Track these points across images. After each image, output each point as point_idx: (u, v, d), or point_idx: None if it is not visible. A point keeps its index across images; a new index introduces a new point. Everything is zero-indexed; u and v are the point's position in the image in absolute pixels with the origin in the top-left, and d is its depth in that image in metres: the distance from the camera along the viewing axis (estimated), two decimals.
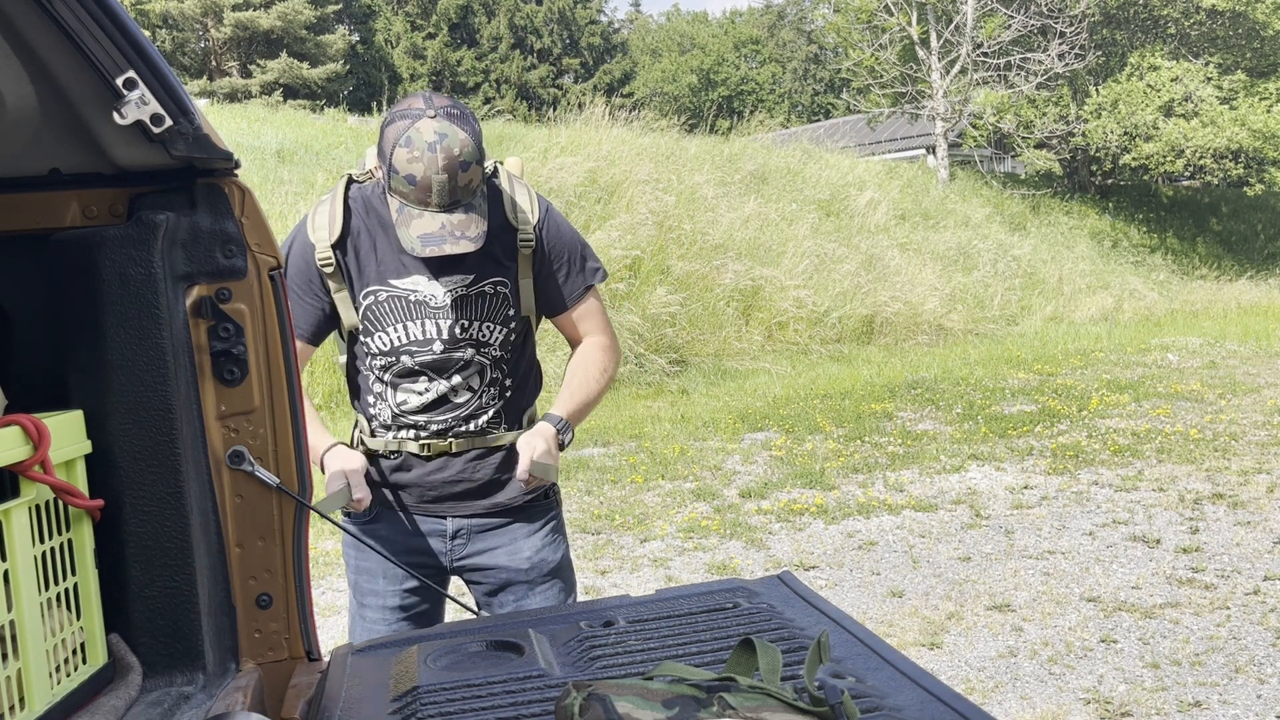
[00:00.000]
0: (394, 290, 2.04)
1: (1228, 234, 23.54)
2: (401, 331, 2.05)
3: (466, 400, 2.09)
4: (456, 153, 1.87)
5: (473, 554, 2.18)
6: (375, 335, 2.05)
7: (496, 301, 2.07)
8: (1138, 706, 3.47)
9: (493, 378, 2.10)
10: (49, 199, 1.45)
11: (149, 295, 1.40)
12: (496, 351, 2.09)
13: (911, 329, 12.97)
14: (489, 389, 2.11)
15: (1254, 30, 20.44)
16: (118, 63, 1.24)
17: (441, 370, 2.07)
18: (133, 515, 1.40)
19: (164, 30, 28.65)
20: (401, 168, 1.89)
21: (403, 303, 2.04)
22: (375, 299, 2.04)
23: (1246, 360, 10.80)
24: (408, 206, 1.91)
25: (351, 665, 1.43)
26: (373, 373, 2.10)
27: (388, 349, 2.05)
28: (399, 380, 2.08)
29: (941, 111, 20.65)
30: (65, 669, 1.26)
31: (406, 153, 1.88)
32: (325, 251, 2.02)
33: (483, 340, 2.07)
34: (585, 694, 1.06)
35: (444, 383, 2.07)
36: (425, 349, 2.05)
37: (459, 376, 2.07)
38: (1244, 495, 5.82)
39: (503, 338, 2.09)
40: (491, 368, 2.10)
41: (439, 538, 2.17)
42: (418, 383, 2.07)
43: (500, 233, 2.06)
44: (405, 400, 2.08)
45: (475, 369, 2.08)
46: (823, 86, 47.34)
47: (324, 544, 5.53)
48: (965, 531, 5.47)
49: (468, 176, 1.90)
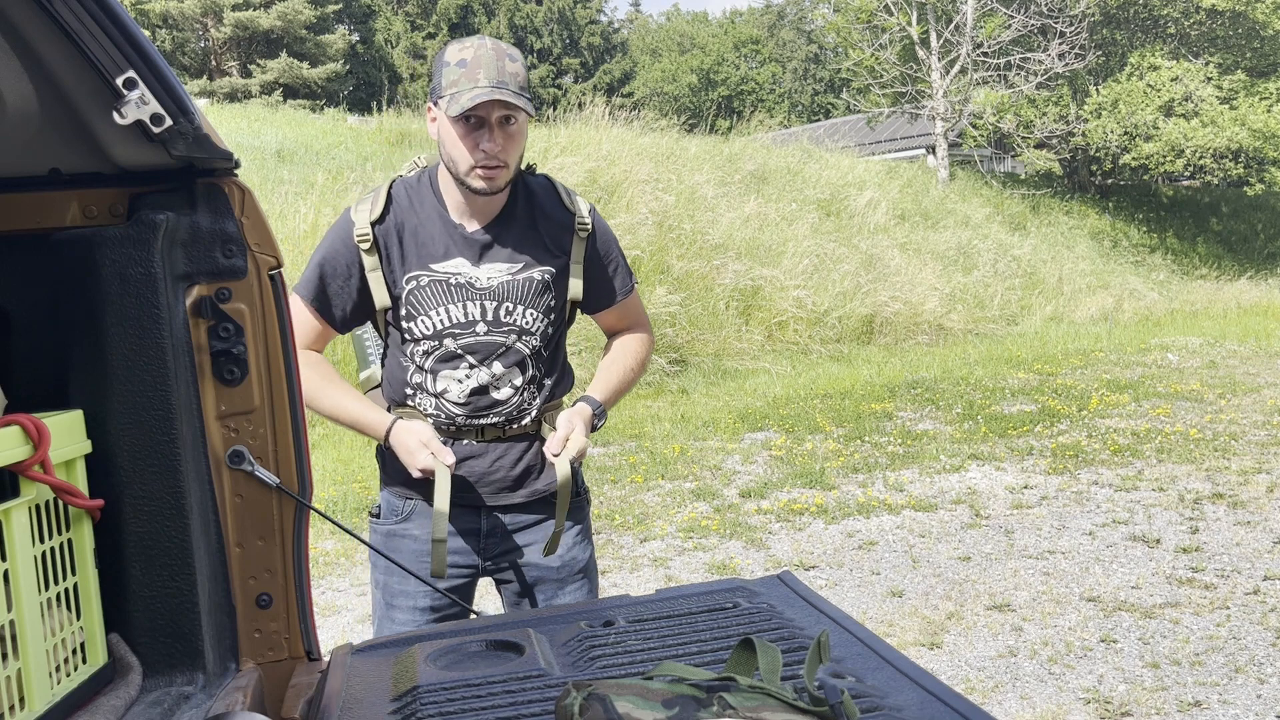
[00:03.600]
0: (436, 274, 2.03)
1: (1228, 234, 23.54)
2: (444, 314, 2.04)
3: (509, 398, 2.08)
4: (504, 47, 1.94)
5: (506, 552, 2.17)
6: (418, 319, 2.04)
7: (541, 289, 2.07)
8: (1138, 706, 3.47)
9: (533, 374, 2.10)
10: (49, 199, 1.45)
11: (149, 295, 1.40)
12: (536, 342, 2.08)
13: (911, 329, 12.97)
14: (530, 387, 2.10)
15: (1254, 30, 20.44)
16: (118, 62, 1.24)
17: (484, 355, 2.05)
18: (133, 515, 1.40)
19: (164, 30, 28.64)
20: (452, 58, 1.94)
21: (445, 286, 2.03)
22: (417, 283, 2.04)
23: (1246, 360, 10.80)
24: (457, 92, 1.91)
25: (351, 665, 1.43)
26: (413, 362, 2.08)
27: (430, 333, 2.04)
28: (440, 366, 2.06)
29: (941, 111, 20.65)
30: (65, 669, 1.26)
31: (457, 46, 1.96)
32: (364, 228, 2.03)
33: (525, 328, 2.07)
34: (585, 694, 1.06)
35: (485, 371, 2.06)
36: (468, 331, 2.04)
37: (500, 364, 2.06)
38: (1244, 495, 5.82)
39: (543, 328, 2.09)
40: (532, 362, 2.09)
41: (473, 536, 2.15)
42: (459, 369, 2.05)
43: (553, 219, 2.09)
44: (446, 389, 2.07)
45: (516, 359, 2.07)
46: (823, 86, 47.34)
47: (324, 544, 5.53)
48: (965, 531, 5.47)
49: (516, 67, 1.93)
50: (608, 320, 2.26)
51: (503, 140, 1.94)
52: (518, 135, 1.97)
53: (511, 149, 1.96)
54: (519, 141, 1.98)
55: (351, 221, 2.05)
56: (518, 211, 2.09)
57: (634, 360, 2.24)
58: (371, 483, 6.74)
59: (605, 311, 2.23)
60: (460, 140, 1.95)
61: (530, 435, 2.13)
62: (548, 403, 2.15)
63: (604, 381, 2.18)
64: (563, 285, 2.12)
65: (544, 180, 2.14)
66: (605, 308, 2.22)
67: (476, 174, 1.96)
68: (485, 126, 1.93)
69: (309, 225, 9.97)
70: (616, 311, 2.24)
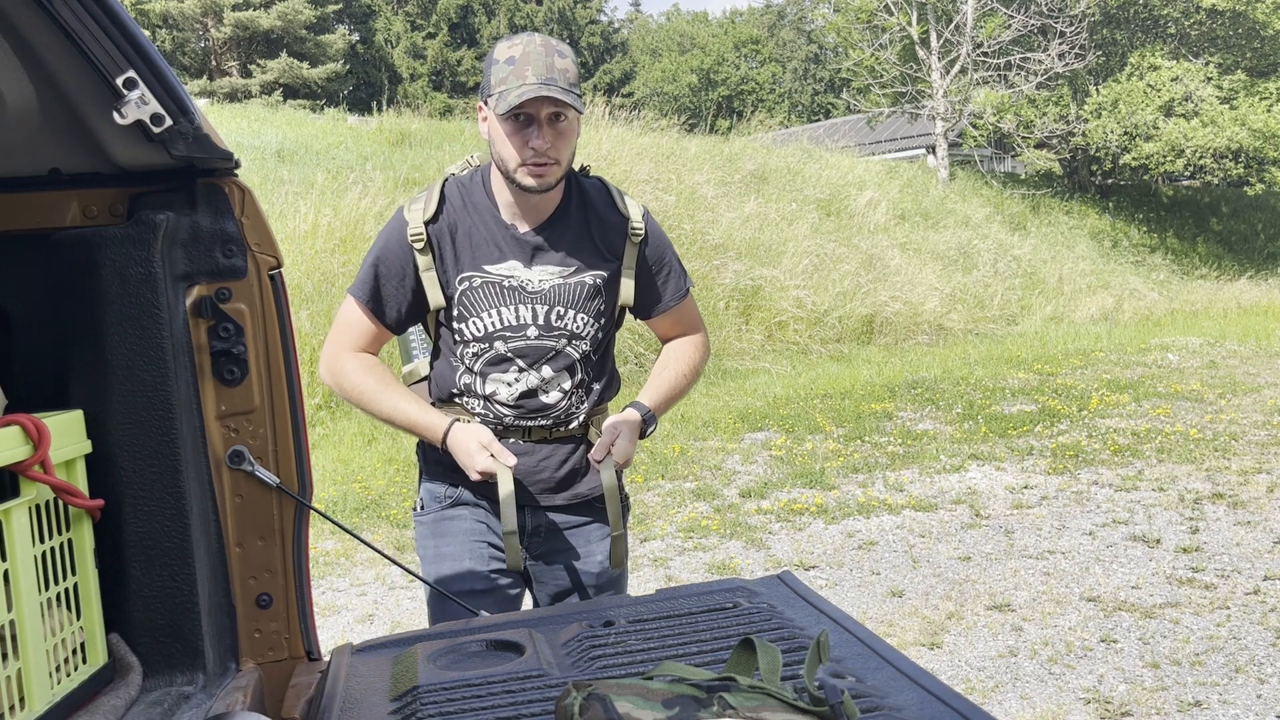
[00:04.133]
0: (489, 276, 2.01)
1: (1228, 234, 23.54)
2: (496, 316, 2.02)
3: (557, 402, 2.06)
4: (554, 43, 1.92)
5: (546, 553, 2.14)
6: (469, 321, 2.02)
7: (592, 293, 2.06)
8: (1138, 706, 3.47)
9: (581, 379, 2.08)
10: (49, 199, 1.45)
11: (149, 295, 1.40)
12: (586, 346, 2.07)
13: (911, 329, 12.97)
14: (578, 391, 2.08)
15: (1254, 30, 20.44)
16: (118, 63, 1.24)
17: (534, 359, 2.03)
18: (133, 515, 1.40)
19: (164, 30, 28.64)
20: (501, 56, 1.92)
21: (497, 288, 2.01)
22: (470, 284, 2.02)
23: (1246, 360, 10.80)
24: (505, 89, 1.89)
25: (351, 665, 1.43)
26: (463, 363, 2.06)
27: (481, 334, 2.02)
28: (489, 369, 2.04)
29: (941, 111, 20.65)
30: (65, 669, 1.26)
31: (506, 43, 1.94)
32: (418, 227, 2.00)
33: (576, 332, 2.05)
34: (585, 694, 1.06)
35: (534, 375, 2.04)
36: (519, 334, 2.02)
37: (549, 368, 2.04)
38: (1244, 495, 5.82)
39: (593, 332, 2.07)
40: (581, 366, 2.07)
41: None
42: (508, 371, 2.04)
43: (606, 222, 2.08)
44: (495, 391, 2.05)
45: (565, 364, 2.05)
46: (823, 86, 47.33)
47: (324, 544, 5.53)
48: (965, 531, 5.47)
49: (566, 64, 1.91)
50: (661, 326, 2.24)
51: (552, 137, 1.92)
52: (568, 132, 1.95)
53: (561, 146, 1.94)
54: (569, 139, 1.96)
55: (405, 221, 2.02)
56: (570, 213, 2.06)
57: (686, 366, 2.20)
58: (371, 482, 6.74)
59: (658, 317, 2.20)
60: (509, 138, 1.93)
61: (577, 439, 2.11)
62: (595, 407, 2.13)
63: (654, 388, 2.15)
64: (614, 290, 2.10)
65: (597, 182, 2.13)
66: (658, 313, 2.19)
67: (526, 171, 1.93)
68: (534, 124, 1.91)
69: (309, 225, 9.98)
70: (670, 317, 2.21)
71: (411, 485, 6.69)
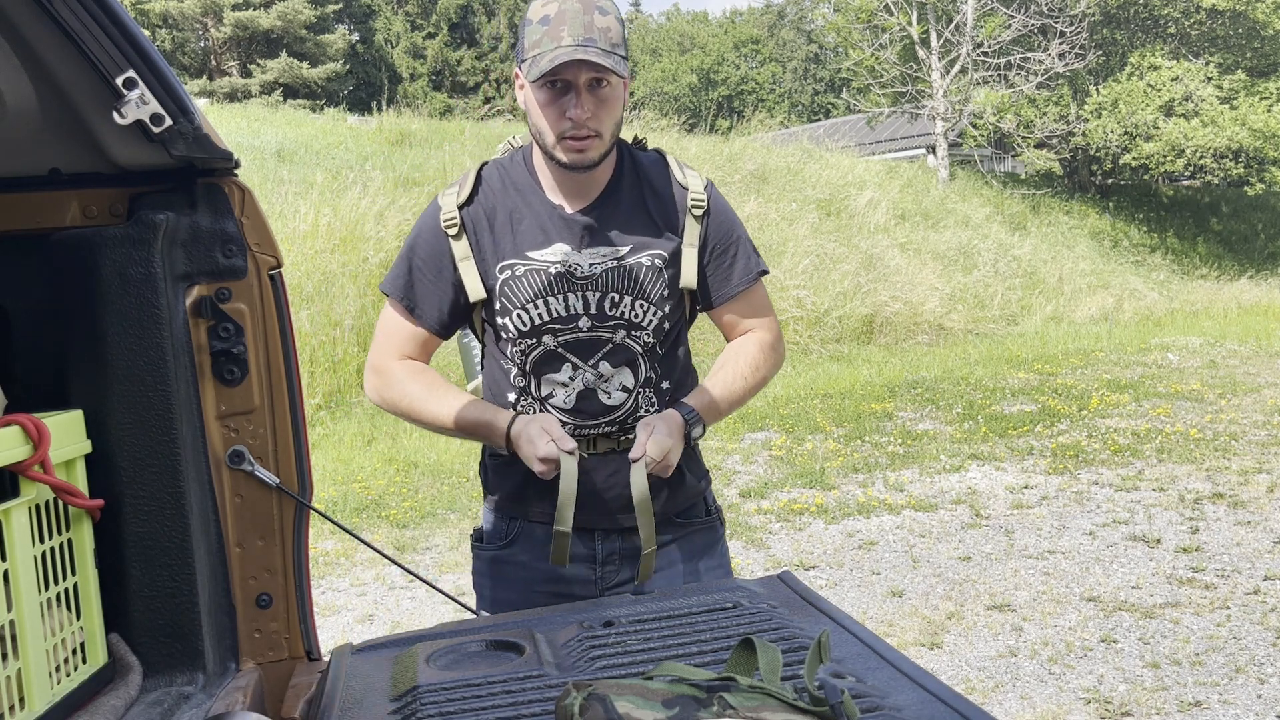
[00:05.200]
0: (533, 263, 1.78)
1: (1228, 233, 23.53)
2: (542, 308, 1.78)
3: (621, 403, 1.82)
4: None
5: (625, 581, 1.87)
6: (513, 314, 1.78)
7: (652, 276, 1.80)
8: (1138, 706, 3.46)
9: (648, 376, 1.83)
10: (49, 199, 1.45)
11: (149, 295, 1.40)
12: (649, 338, 1.81)
13: (911, 329, 12.97)
14: (644, 390, 1.83)
15: (1254, 30, 20.44)
16: (118, 62, 1.24)
17: (587, 354, 1.79)
18: (133, 515, 1.40)
19: (164, 30, 28.65)
20: (535, 15, 1.69)
21: (543, 275, 1.77)
22: (512, 273, 1.78)
23: (1247, 360, 10.79)
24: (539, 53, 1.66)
25: (351, 665, 1.43)
26: (514, 364, 1.83)
27: (527, 328, 1.78)
28: (540, 369, 1.81)
29: (941, 111, 20.65)
30: (65, 669, 1.26)
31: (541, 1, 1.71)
32: (451, 212, 1.80)
33: (635, 321, 1.79)
34: (585, 694, 1.06)
35: (590, 372, 1.80)
36: (569, 327, 1.78)
37: (607, 364, 1.80)
38: (1244, 495, 5.82)
39: (656, 322, 1.81)
40: (645, 361, 1.82)
41: (586, 563, 1.87)
42: (561, 370, 1.80)
43: (663, 196, 1.83)
44: (550, 394, 1.81)
45: (625, 358, 1.81)
46: (823, 86, 47.34)
47: (324, 544, 5.53)
48: (965, 531, 5.47)
49: (606, 21, 1.67)
50: (729, 318, 1.92)
51: (593, 106, 1.68)
52: (610, 100, 1.71)
53: (604, 115, 1.70)
54: (612, 108, 1.72)
55: (438, 206, 1.82)
56: (623, 189, 1.82)
57: (746, 366, 1.88)
58: (371, 482, 6.74)
59: (725, 305, 1.90)
60: (544, 108, 1.70)
61: None
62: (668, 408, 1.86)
63: (704, 388, 1.86)
64: (676, 271, 1.83)
65: (655, 155, 1.88)
66: (725, 299, 1.89)
67: (564, 146, 1.71)
68: (572, 91, 1.68)
69: (309, 225, 9.98)
70: (739, 305, 1.90)
71: (411, 485, 6.69)
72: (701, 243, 1.84)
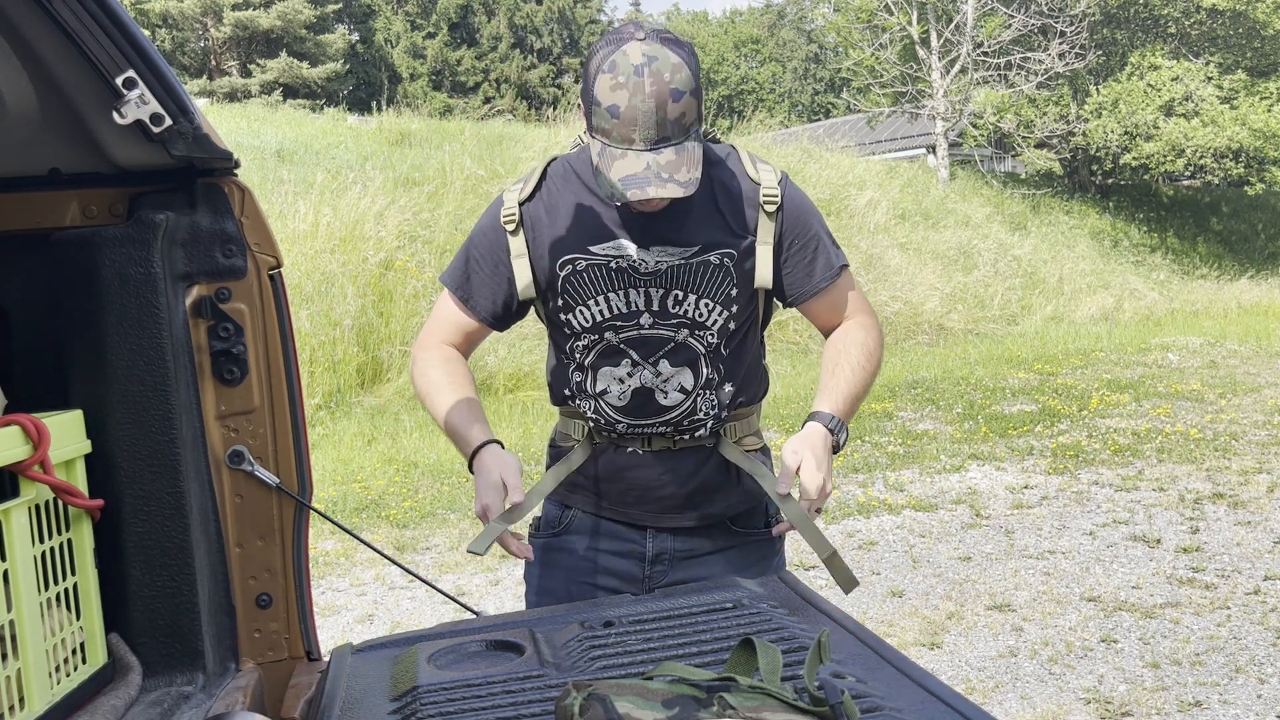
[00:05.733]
0: (595, 258, 1.74)
1: (1228, 233, 23.54)
2: (604, 304, 1.75)
3: (679, 404, 1.77)
4: (667, 78, 1.58)
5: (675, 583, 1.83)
6: (576, 310, 1.76)
7: (720, 275, 1.74)
8: (1138, 706, 3.46)
9: (708, 378, 1.77)
10: (49, 199, 1.45)
11: (149, 295, 1.40)
12: (714, 338, 1.76)
13: (911, 329, 12.97)
14: (704, 393, 1.77)
15: (1254, 30, 20.44)
16: (118, 62, 1.24)
17: (648, 352, 1.75)
18: (133, 515, 1.40)
19: (164, 30, 28.66)
20: (604, 98, 1.59)
21: (604, 271, 1.74)
22: (574, 268, 1.76)
23: (1247, 360, 10.79)
24: (610, 147, 1.61)
25: (351, 665, 1.43)
26: (573, 359, 1.81)
27: (590, 325, 1.76)
28: (600, 363, 1.77)
29: (941, 111, 20.65)
30: (65, 669, 1.26)
31: (610, 79, 1.59)
32: (511, 207, 1.78)
33: (699, 321, 1.74)
34: (585, 694, 1.06)
35: (649, 370, 1.75)
36: (630, 323, 1.75)
37: (667, 364, 1.75)
38: (1244, 495, 5.82)
39: (722, 322, 1.76)
40: (707, 363, 1.77)
41: (635, 560, 1.85)
42: (619, 365, 1.76)
43: (734, 192, 1.77)
44: (606, 389, 1.78)
45: (687, 358, 1.76)
46: (823, 86, 47.34)
47: (324, 544, 5.53)
48: (965, 531, 5.47)
49: (679, 109, 1.59)
50: (817, 312, 1.86)
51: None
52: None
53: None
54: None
55: (501, 201, 1.81)
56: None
57: (859, 353, 1.81)
58: (371, 482, 6.74)
59: (810, 302, 1.82)
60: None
61: (708, 449, 1.81)
62: (731, 412, 1.82)
63: (831, 388, 1.77)
64: (747, 271, 1.76)
65: (728, 149, 1.82)
66: (807, 297, 1.81)
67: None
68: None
69: (309, 225, 9.98)
70: (825, 300, 1.83)
71: (411, 485, 6.69)
72: (776, 240, 1.78)
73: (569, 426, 1.87)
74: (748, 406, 1.86)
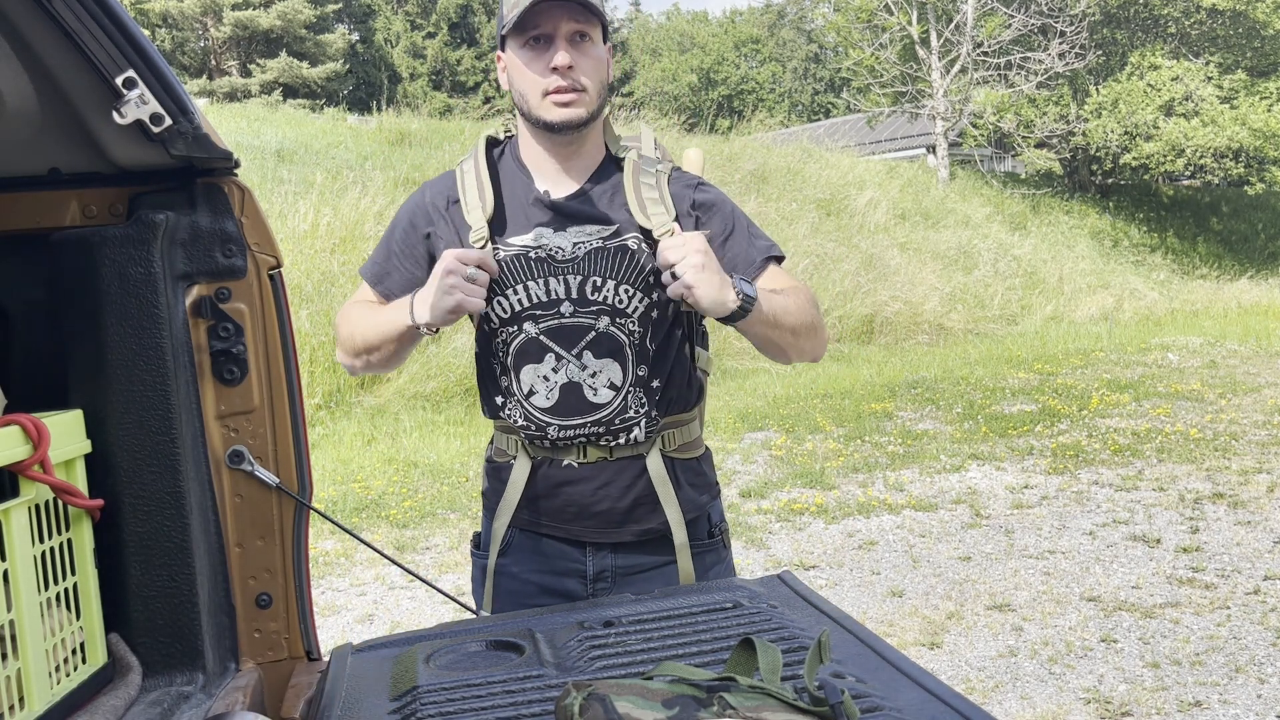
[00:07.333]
0: (513, 248, 1.72)
1: (1228, 233, 23.54)
2: (522, 293, 1.71)
3: (608, 401, 1.72)
4: None
5: None
6: (494, 301, 1.72)
7: (639, 259, 1.71)
8: (1138, 706, 3.46)
9: (636, 374, 1.73)
10: (49, 198, 1.45)
11: (149, 295, 1.40)
12: (635, 326, 1.72)
13: (911, 328, 12.97)
14: (635, 389, 1.73)
15: (1254, 29, 20.44)
16: (117, 62, 1.24)
17: (570, 343, 1.71)
18: (133, 515, 1.40)
19: (164, 30, 28.66)
20: None
21: (523, 260, 1.71)
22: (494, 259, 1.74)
23: (1247, 360, 10.79)
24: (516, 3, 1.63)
25: (351, 665, 1.43)
26: (496, 359, 1.77)
27: (508, 315, 1.72)
28: (521, 360, 1.73)
29: (941, 111, 20.65)
30: (65, 669, 1.26)
31: None
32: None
33: (619, 308, 1.71)
34: (585, 694, 1.06)
35: (573, 363, 1.71)
36: (550, 312, 1.71)
37: (591, 356, 1.71)
38: (1244, 495, 5.82)
39: (642, 309, 1.72)
40: (634, 354, 1.72)
41: (577, 578, 1.80)
42: (544, 362, 1.71)
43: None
44: (532, 389, 1.73)
45: (610, 348, 1.71)
46: (823, 86, 47.34)
47: (324, 544, 5.53)
48: (965, 531, 5.47)
49: None
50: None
51: (575, 57, 1.64)
52: (594, 56, 1.67)
53: (589, 69, 1.66)
54: (597, 64, 1.67)
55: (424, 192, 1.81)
56: (611, 172, 1.78)
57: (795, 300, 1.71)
58: (371, 482, 6.75)
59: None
60: (527, 67, 1.66)
61: (643, 458, 1.76)
62: (665, 415, 1.77)
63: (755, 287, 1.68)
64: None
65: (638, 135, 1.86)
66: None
67: (550, 102, 1.65)
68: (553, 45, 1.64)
69: (309, 225, 9.98)
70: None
71: (411, 485, 6.70)
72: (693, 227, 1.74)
73: (503, 440, 1.83)
74: (684, 412, 1.82)
